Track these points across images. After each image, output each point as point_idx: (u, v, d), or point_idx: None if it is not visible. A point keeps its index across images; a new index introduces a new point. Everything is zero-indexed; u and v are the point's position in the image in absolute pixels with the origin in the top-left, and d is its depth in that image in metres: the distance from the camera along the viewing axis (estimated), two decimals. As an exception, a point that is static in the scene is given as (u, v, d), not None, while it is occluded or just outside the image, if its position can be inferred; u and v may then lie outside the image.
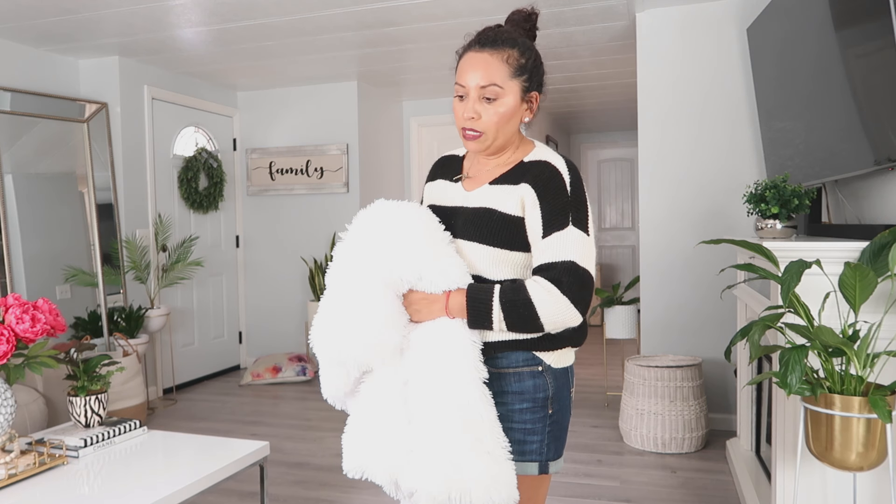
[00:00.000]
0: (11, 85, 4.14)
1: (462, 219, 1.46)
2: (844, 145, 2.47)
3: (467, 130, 1.44)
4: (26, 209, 4.13)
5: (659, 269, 3.93)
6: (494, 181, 1.47)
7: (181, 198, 5.20)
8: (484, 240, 1.42)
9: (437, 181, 1.61)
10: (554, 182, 1.40)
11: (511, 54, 1.42)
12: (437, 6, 3.65)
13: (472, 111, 1.42)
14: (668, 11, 3.85)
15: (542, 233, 1.38)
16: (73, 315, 4.29)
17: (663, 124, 3.90)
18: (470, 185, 1.52)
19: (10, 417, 1.94)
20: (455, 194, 1.53)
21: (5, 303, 1.98)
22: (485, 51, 1.43)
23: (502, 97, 1.41)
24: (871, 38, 2.17)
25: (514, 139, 1.50)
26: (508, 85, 1.41)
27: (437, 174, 1.64)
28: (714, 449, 3.52)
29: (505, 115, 1.42)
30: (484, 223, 1.42)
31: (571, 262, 1.35)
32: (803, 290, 1.93)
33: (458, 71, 1.45)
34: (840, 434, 1.76)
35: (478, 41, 1.45)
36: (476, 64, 1.42)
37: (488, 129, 1.42)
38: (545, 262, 1.37)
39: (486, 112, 1.41)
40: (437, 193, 1.59)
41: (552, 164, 1.43)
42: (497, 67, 1.41)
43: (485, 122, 1.42)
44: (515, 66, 1.42)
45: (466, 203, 1.49)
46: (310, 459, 3.49)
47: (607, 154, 8.79)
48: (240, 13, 3.72)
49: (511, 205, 1.42)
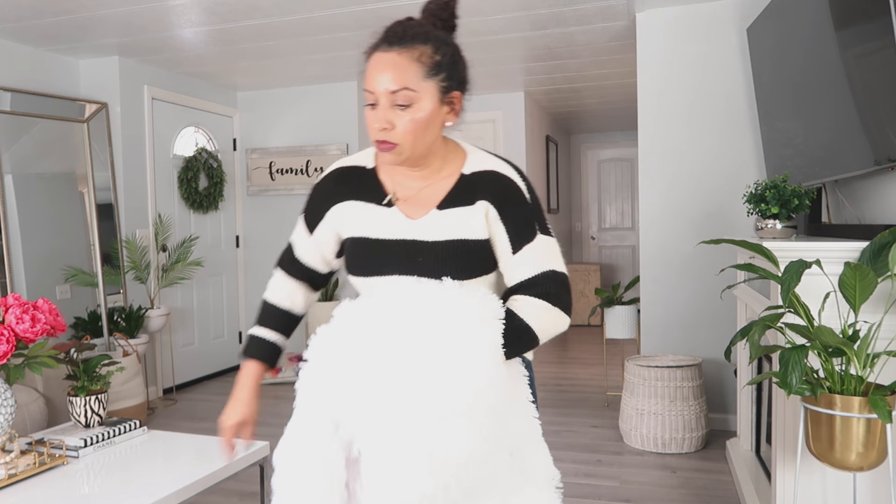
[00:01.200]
0: (11, 85, 4.14)
1: (427, 255, 1.28)
2: (844, 145, 2.47)
3: (380, 142, 1.25)
4: (26, 209, 4.13)
5: (659, 269, 3.93)
6: (443, 204, 1.31)
7: (181, 198, 5.20)
8: (465, 275, 1.28)
9: (352, 204, 1.36)
10: (511, 194, 1.31)
11: (424, 51, 1.23)
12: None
13: (385, 120, 1.22)
14: (668, 11, 3.85)
15: (512, 249, 1.29)
16: (73, 315, 4.29)
17: (663, 124, 3.90)
18: (410, 210, 1.32)
19: (10, 417, 1.94)
20: (396, 224, 1.31)
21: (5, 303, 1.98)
22: (393, 50, 1.22)
23: (417, 102, 1.22)
24: (871, 38, 2.17)
25: (438, 146, 1.32)
26: (423, 87, 1.22)
27: (342, 193, 1.37)
28: (714, 449, 3.52)
29: (422, 121, 1.23)
30: (458, 258, 1.28)
31: (551, 270, 1.29)
32: (803, 290, 1.93)
33: (366, 76, 1.25)
34: (840, 434, 1.76)
35: (385, 39, 1.25)
36: (384, 66, 1.22)
37: (404, 140, 1.24)
38: (526, 277, 1.29)
39: (401, 120, 1.22)
40: (364, 222, 1.34)
41: (502, 173, 1.32)
42: (408, 68, 1.21)
43: (399, 131, 1.23)
44: (430, 65, 1.23)
45: (421, 235, 1.29)
46: (310, 459, 3.49)
47: (607, 154, 8.79)
48: (240, 13, 3.72)
49: (477, 229, 1.29)
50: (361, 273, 1.33)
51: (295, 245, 1.48)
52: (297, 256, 1.47)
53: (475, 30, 4.05)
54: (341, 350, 1.23)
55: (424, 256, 1.28)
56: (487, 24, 3.94)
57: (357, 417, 1.19)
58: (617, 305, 4.40)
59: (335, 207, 1.38)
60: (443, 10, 1.31)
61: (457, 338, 1.18)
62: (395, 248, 1.30)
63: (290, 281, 1.50)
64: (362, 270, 1.33)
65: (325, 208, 1.39)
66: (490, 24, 3.94)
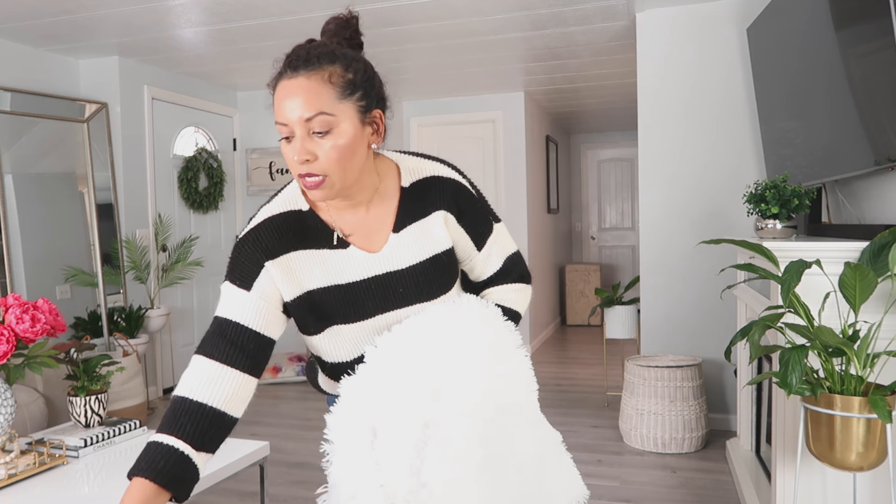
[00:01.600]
0: (11, 85, 4.14)
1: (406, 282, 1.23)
2: (844, 145, 2.47)
3: (306, 177, 1.12)
4: (26, 209, 4.13)
5: (659, 269, 3.93)
6: (397, 226, 1.23)
7: (181, 198, 5.20)
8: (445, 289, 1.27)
9: (295, 255, 1.20)
10: (461, 195, 1.27)
11: (333, 71, 1.11)
12: (437, 6, 3.65)
13: (305, 151, 1.10)
14: (668, 11, 3.85)
15: (477, 247, 1.31)
16: (73, 315, 4.29)
17: (663, 124, 3.90)
18: (365, 243, 1.23)
19: (10, 417, 1.94)
20: (359, 264, 1.22)
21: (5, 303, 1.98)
22: (299, 75, 1.10)
23: (336, 126, 1.10)
24: (871, 38, 2.17)
25: (368, 169, 1.20)
26: (339, 109, 1.11)
27: (284, 243, 1.20)
28: (714, 449, 3.52)
29: (346, 147, 1.11)
30: (437, 276, 1.25)
31: (513, 253, 1.37)
32: (803, 290, 1.94)
33: (274, 107, 1.13)
34: (840, 434, 1.76)
35: (288, 65, 1.12)
36: (292, 93, 1.10)
37: (331, 170, 1.11)
38: (498, 268, 1.34)
39: (322, 149, 1.10)
40: (321, 271, 1.21)
41: (444, 177, 1.27)
42: (320, 91, 1.10)
43: (323, 162, 1.11)
44: (342, 85, 1.12)
45: (389, 266, 1.22)
46: (310, 459, 3.49)
47: (607, 154, 8.79)
48: (240, 13, 3.72)
49: (441, 240, 1.26)
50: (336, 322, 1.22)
51: (230, 314, 1.18)
52: (239, 322, 1.17)
53: (475, 30, 4.05)
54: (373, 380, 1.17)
55: (404, 286, 1.23)
56: (487, 23, 3.94)
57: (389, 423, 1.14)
58: (617, 305, 4.40)
59: (276, 261, 1.19)
60: (344, 28, 1.23)
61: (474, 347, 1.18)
62: (370, 286, 1.22)
63: (222, 369, 1.15)
64: (335, 320, 1.22)
65: (261, 262, 1.19)
66: (490, 24, 3.94)
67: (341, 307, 1.22)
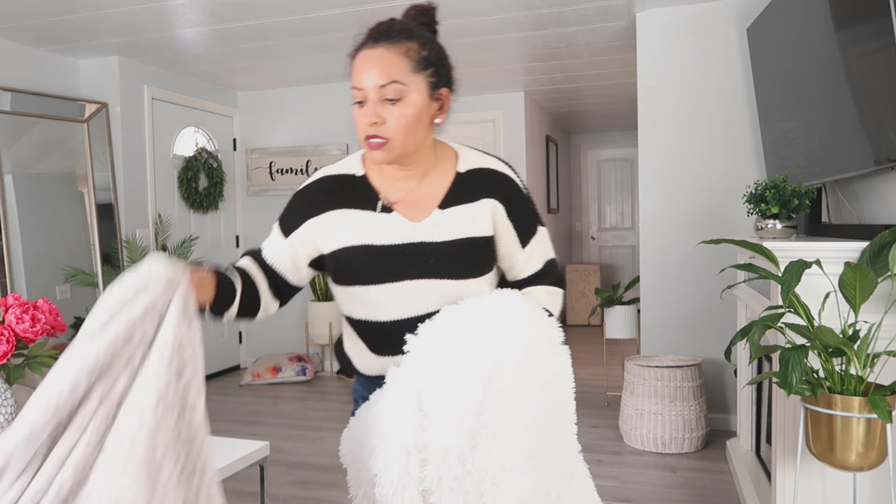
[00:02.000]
0: (11, 85, 4.14)
1: (438, 256, 1.28)
2: (844, 145, 2.47)
3: (371, 138, 1.22)
4: (26, 209, 4.13)
5: (659, 269, 3.93)
6: (444, 203, 1.31)
7: (181, 198, 5.20)
8: (477, 273, 1.31)
9: (342, 212, 1.31)
10: (513, 191, 1.35)
11: (410, 47, 1.23)
12: (438, 6, 3.65)
13: (375, 115, 1.21)
14: (668, 11, 3.85)
15: (522, 244, 1.36)
16: (73, 315, 4.29)
17: (663, 124, 3.90)
18: (410, 212, 1.30)
19: (10, 417, 1.94)
20: (399, 228, 1.29)
21: (5, 303, 1.98)
22: (380, 46, 1.22)
23: (406, 95, 1.21)
24: (871, 38, 2.17)
25: (428, 144, 1.32)
26: (412, 81, 1.22)
27: (329, 203, 1.32)
28: (714, 449, 3.52)
29: (413, 116, 1.22)
30: (470, 257, 1.30)
31: (552, 259, 1.42)
32: (803, 290, 1.93)
33: (353, 73, 1.24)
34: (840, 434, 1.76)
35: (370, 37, 1.25)
36: (371, 62, 1.22)
37: (395, 135, 1.22)
38: (538, 269, 1.39)
39: (391, 115, 1.21)
40: (361, 230, 1.30)
41: (501, 171, 1.36)
42: (396, 62, 1.21)
43: (390, 126, 1.21)
44: (417, 60, 1.23)
45: (427, 236, 1.28)
46: (310, 459, 3.49)
47: (607, 154, 8.79)
48: (240, 13, 3.72)
49: (482, 226, 1.31)
50: (366, 281, 1.29)
51: (265, 248, 1.37)
52: (265, 257, 1.36)
53: (475, 30, 4.05)
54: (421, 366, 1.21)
55: (435, 258, 1.28)
56: (487, 23, 3.94)
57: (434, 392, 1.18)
58: (617, 305, 4.40)
59: (319, 218, 1.32)
60: (423, 15, 1.33)
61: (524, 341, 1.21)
62: (403, 252, 1.28)
63: (254, 266, 1.36)
64: (366, 279, 1.29)
65: (305, 217, 1.33)
66: (490, 23, 3.94)
67: (372, 267, 1.29)
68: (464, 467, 1.14)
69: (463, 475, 1.14)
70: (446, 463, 1.15)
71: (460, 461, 1.14)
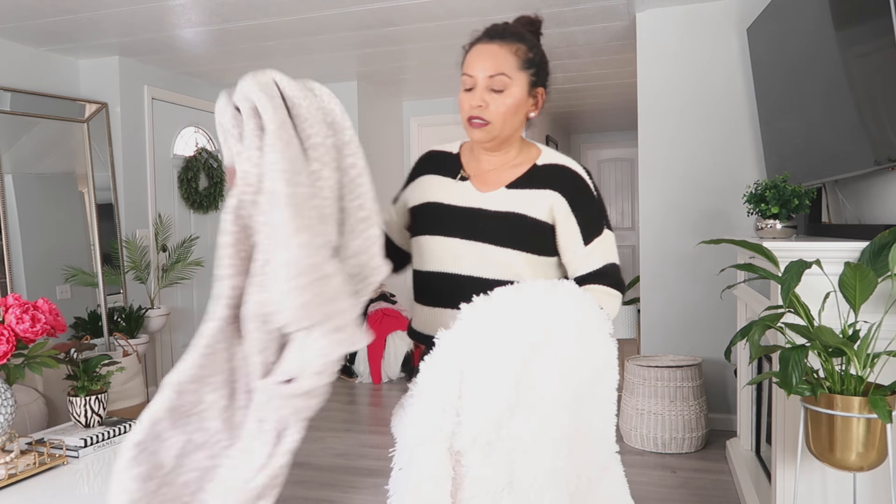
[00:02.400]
0: (11, 85, 4.14)
1: (488, 222, 1.45)
2: (844, 145, 2.47)
3: (474, 119, 1.43)
4: (26, 209, 4.13)
5: (659, 269, 3.93)
6: (512, 185, 1.47)
7: (181, 198, 5.19)
8: (519, 245, 1.42)
9: (431, 176, 1.55)
10: (582, 189, 1.47)
11: (520, 48, 1.44)
12: (437, 6, 3.65)
13: (480, 99, 1.42)
14: (668, 11, 3.85)
15: (584, 240, 1.45)
16: (73, 315, 4.29)
17: (663, 124, 3.90)
18: (482, 185, 1.49)
19: (10, 417, 1.94)
20: (466, 194, 1.49)
21: (5, 303, 1.98)
22: (494, 43, 1.45)
23: (510, 88, 1.42)
24: (871, 37, 2.17)
25: (518, 135, 1.50)
26: (516, 76, 1.43)
27: (427, 169, 1.58)
28: (714, 449, 3.52)
29: (512, 106, 1.43)
30: (517, 228, 1.43)
31: (615, 264, 1.49)
32: (803, 290, 1.93)
33: (466, 62, 1.46)
34: (840, 434, 1.76)
35: (486, 35, 1.48)
36: (485, 55, 1.44)
37: (495, 119, 1.42)
38: (598, 268, 1.47)
39: (495, 102, 1.42)
40: (438, 191, 1.52)
41: (573, 169, 1.48)
42: (506, 58, 1.43)
43: (492, 111, 1.42)
44: (524, 59, 1.44)
45: (487, 205, 1.46)
46: (310, 459, 3.49)
47: (607, 154, 8.79)
48: (240, 13, 3.72)
49: (539, 210, 1.44)
50: (425, 232, 1.49)
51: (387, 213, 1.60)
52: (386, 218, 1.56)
53: (475, 30, 4.04)
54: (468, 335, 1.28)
55: (485, 223, 1.44)
56: (487, 24, 3.92)
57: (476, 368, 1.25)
58: (617, 305, 4.40)
59: (420, 178, 1.57)
60: (531, 24, 1.54)
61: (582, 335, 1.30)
62: (461, 213, 1.46)
63: None
64: (427, 230, 1.49)
65: (409, 182, 1.59)
66: (490, 24, 3.93)
67: (433, 220, 1.49)
68: (498, 433, 1.22)
69: (496, 440, 1.22)
70: (481, 427, 1.22)
71: (496, 427, 1.22)
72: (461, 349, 1.26)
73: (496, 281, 1.40)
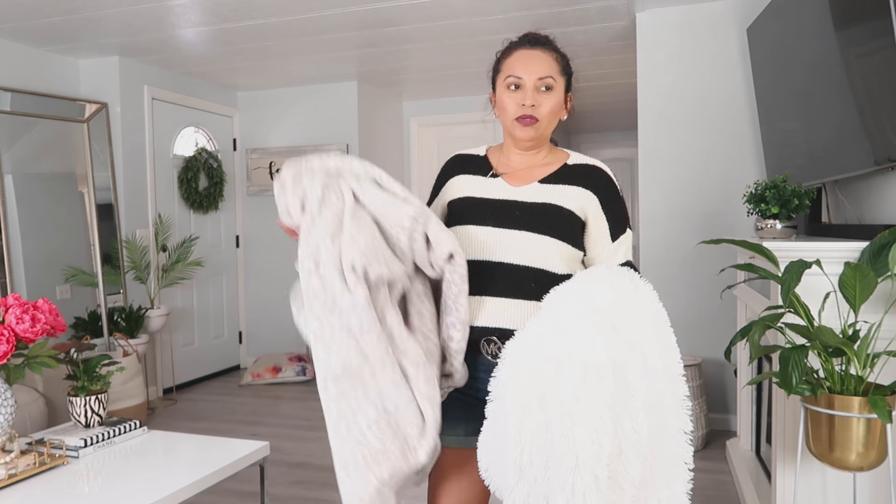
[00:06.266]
0: (11, 85, 4.14)
1: (523, 212, 1.52)
2: (844, 145, 2.47)
3: (524, 117, 1.52)
4: (26, 209, 4.13)
5: (659, 269, 3.93)
6: (545, 180, 1.55)
7: (181, 198, 5.20)
8: (553, 234, 1.49)
9: (463, 176, 1.63)
10: (612, 190, 1.56)
11: (558, 56, 1.60)
12: (437, 6, 3.65)
13: (532, 99, 1.52)
14: (668, 11, 3.85)
15: (612, 237, 1.54)
16: (73, 315, 4.29)
17: (663, 124, 3.90)
18: (514, 181, 1.57)
19: (10, 417, 1.94)
20: (499, 189, 1.56)
21: (5, 303, 1.98)
22: (537, 48, 1.58)
23: (554, 88, 1.55)
24: (871, 38, 2.17)
25: (549, 137, 1.61)
26: (559, 79, 1.57)
27: (457, 170, 1.66)
28: (714, 449, 3.52)
29: (556, 106, 1.56)
30: (552, 218, 1.50)
31: (631, 262, 1.58)
32: (803, 290, 1.93)
33: (511, 64, 1.57)
34: (840, 434, 1.76)
35: (528, 42, 1.60)
36: (533, 59, 1.56)
37: (543, 117, 1.53)
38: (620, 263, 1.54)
39: (544, 101, 1.54)
40: (471, 187, 1.59)
41: (603, 169, 1.58)
42: (551, 63, 1.57)
43: (542, 110, 1.53)
44: (563, 65, 1.60)
45: (521, 197, 1.53)
46: (310, 459, 3.49)
47: (607, 154, 8.78)
48: (240, 13, 3.72)
49: (573, 204, 1.52)
50: (460, 223, 1.55)
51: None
52: None
53: (475, 30, 4.05)
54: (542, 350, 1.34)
55: (521, 211, 1.52)
56: (487, 24, 3.94)
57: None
58: (617, 305, 4.39)
59: (452, 180, 1.64)
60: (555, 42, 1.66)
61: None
62: (496, 204, 1.54)
63: None
64: (461, 220, 1.55)
65: (440, 185, 1.67)
66: (490, 24, 3.94)
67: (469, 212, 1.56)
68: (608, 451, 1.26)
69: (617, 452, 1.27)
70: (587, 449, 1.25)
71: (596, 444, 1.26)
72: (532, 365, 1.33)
73: (528, 269, 1.48)
